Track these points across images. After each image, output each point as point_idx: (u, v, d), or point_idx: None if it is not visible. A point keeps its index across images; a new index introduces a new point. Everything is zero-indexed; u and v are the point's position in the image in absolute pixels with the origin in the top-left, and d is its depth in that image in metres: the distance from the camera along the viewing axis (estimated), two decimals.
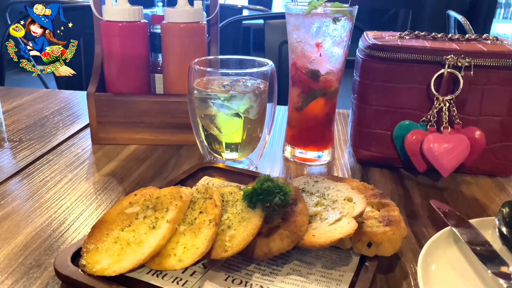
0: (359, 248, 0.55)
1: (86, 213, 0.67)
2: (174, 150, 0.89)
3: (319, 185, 0.64)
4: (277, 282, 0.51)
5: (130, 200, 0.59)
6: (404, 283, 0.54)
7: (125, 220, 0.56)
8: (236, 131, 0.76)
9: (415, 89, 0.78)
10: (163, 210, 0.56)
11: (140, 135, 0.91)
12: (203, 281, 0.50)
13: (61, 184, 0.76)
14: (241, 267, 0.53)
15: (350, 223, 0.53)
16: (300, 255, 0.56)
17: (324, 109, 0.83)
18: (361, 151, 0.84)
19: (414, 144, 0.75)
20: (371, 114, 0.82)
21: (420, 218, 0.68)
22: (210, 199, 0.58)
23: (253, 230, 0.52)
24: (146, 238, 0.52)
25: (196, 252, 0.50)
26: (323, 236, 0.53)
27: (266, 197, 0.54)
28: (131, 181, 0.77)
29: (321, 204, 0.60)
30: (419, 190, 0.77)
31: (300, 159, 0.85)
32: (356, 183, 0.66)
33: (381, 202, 0.61)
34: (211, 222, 0.53)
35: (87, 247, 0.53)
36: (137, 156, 0.87)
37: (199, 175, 0.75)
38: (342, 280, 0.51)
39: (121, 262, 0.50)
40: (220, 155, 0.81)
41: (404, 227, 0.57)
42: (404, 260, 0.58)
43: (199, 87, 0.76)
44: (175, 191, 0.59)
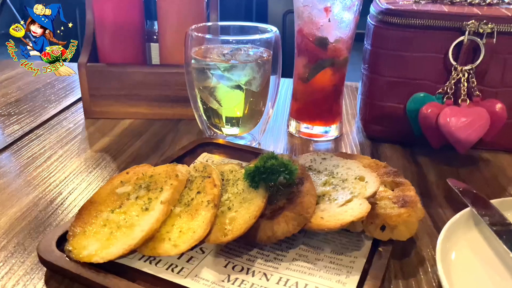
0: (372, 231, 0.50)
1: (76, 192, 0.63)
2: (172, 125, 0.85)
3: (327, 162, 0.59)
4: (281, 269, 0.46)
5: (121, 178, 0.55)
6: (420, 270, 0.49)
7: (115, 200, 0.52)
8: (237, 105, 0.73)
9: (431, 58, 0.72)
10: (157, 190, 0.52)
11: (135, 108, 0.87)
12: (200, 268, 0.46)
13: (50, 161, 0.71)
14: (242, 252, 0.49)
15: (363, 205, 0.49)
16: (306, 239, 0.51)
17: (332, 80, 0.77)
18: (371, 126, 0.81)
19: (429, 118, 0.70)
20: (382, 85, 0.76)
21: (436, 198, 0.63)
22: (209, 178, 0.53)
23: (255, 212, 0.48)
24: (138, 221, 0.48)
25: (193, 236, 0.46)
26: (332, 218, 0.48)
27: (270, 176, 0.50)
28: (125, 157, 0.73)
29: (329, 183, 0.55)
30: (433, 168, 0.72)
31: (306, 135, 0.81)
32: (367, 160, 0.62)
33: (395, 181, 0.56)
34: (210, 203, 0.49)
35: (73, 231, 0.48)
36: (132, 131, 0.83)
37: (197, 151, 0.71)
38: (354, 267, 0.47)
39: (111, 248, 0.45)
40: (220, 130, 0.76)
41: (421, 209, 0.52)
42: (419, 244, 0.54)
43: (197, 57, 0.71)
44: (171, 169, 0.55)
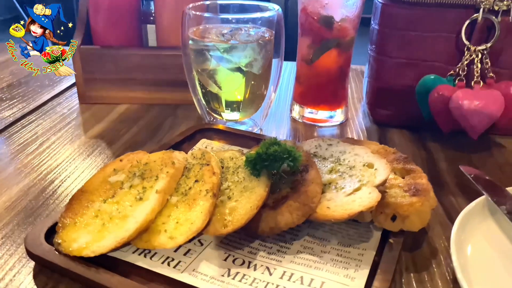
0: (381, 221, 0.47)
1: (69, 181, 0.59)
2: (170, 110, 0.82)
3: (333, 148, 0.56)
4: (285, 262, 0.43)
5: (114, 166, 0.52)
6: (433, 262, 0.46)
7: (108, 190, 0.49)
8: (237, 88, 0.70)
9: (443, 38, 0.69)
10: (152, 179, 0.49)
11: (132, 93, 0.83)
12: (198, 262, 0.43)
13: (42, 148, 0.68)
14: (243, 244, 0.46)
15: (372, 194, 0.45)
16: (312, 230, 0.48)
17: (338, 62, 0.73)
18: (378, 110, 0.78)
19: (439, 102, 0.67)
20: (390, 67, 0.73)
21: (447, 186, 0.60)
22: (208, 165, 0.50)
23: (257, 202, 0.45)
24: (132, 212, 0.45)
25: (191, 228, 0.43)
26: (340, 208, 0.45)
27: (272, 163, 0.47)
28: (120, 144, 0.70)
29: (336, 170, 0.52)
30: (444, 154, 0.68)
31: (310, 120, 0.77)
32: (376, 146, 0.58)
33: (405, 167, 0.53)
34: (208, 192, 0.46)
35: (63, 222, 0.45)
36: (128, 116, 0.80)
37: (196, 137, 0.68)
38: (362, 260, 0.44)
39: (102, 240, 0.43)
40: (220, 115, 0.72)
41: (434, 198, 0.49)
42: (431, 234, 0.50)
43: (195, 37, 0.67)
44: (167, 157, 0.51)
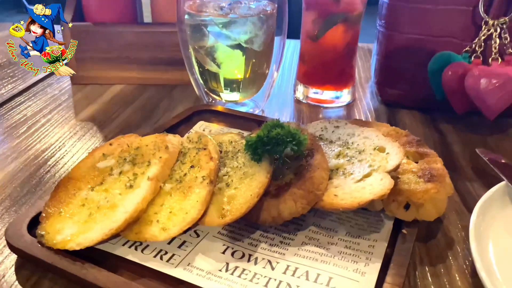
0: (394, 210, 0.43)
1: (58, 167, 0.56)
2: (166, 91, 0.78)
3: (340, 131, 0.52)
4: (289, 256, 0.40)
5: (104, 151, 0.48)
6: (449, 254, 0.43)
7: (96, 176, 0.45)
8: (237, 67, 0.66)
9: (458, 11, 0.64)
10: (144, 164, 0.45)
11: (126, 73, 0.80)
12: (194, 255, 0.40)
13: (31, 131, 0.64)
14: (243, 235, 0.42)
15: (384, 180, 0.42)
16: (317, 219, 0.45)
17: (345, 38, 0.69)
18: (387, 90, 0.74)
19: (454, 80, 0.63)
20: (401, 44, 0.69)
21: (462, 170, 0.56)
22: (204, 149, 0.46)
23: (258, 189, 0.42)
24: (121, 200, 0.41)
25: (185, 218, 0.40)
26: (348, 196, 0.42)
27: (275, 147, 0.44)
28: (114, 127, 0.66)
29: (344, 155, 0.48)
30: (458, 136, 0.64)
31: (315, 101, 0.74)
32: (386, 128, 0.54)
33: (418, 151, 0.49)
34: (205, 179, 0.43)
35: (47, 212, 0.42)
36: (122, 98, 0.76)
37: (193, 120, 0.64)
38: (373, 252, 0.40)
39: (89, 232, 0.39)
40: (219, 96, 0.68)
41: (450, 184, 0.45)
42: (447, 223, 0.47)
43: (191, 11, 0.62)
44: (160, 140, 0.48)
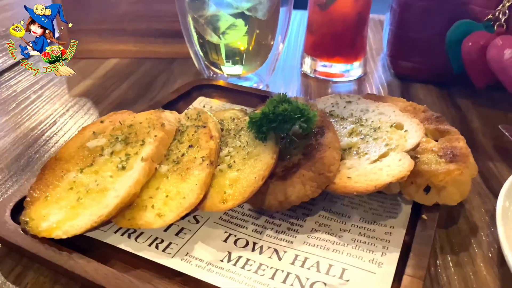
0: (412, 193, 0.39)
1: (47, 146, 0.53)
2: (165, 64, 0.75)
3: (353, 106, 0.48)
4: (297, 244, 0.36)
5: (94, 129, 0.44)
6: (473, 241, 0.39)
7: (86, 157, 0.41)
8: (240, 38, 0.62)
9: None
10: (138, 144, 0.41)
11: (121, 46, 0.76)
12: (192, 244, 0.36)
13: (20, 107, 0.61)
14: (247, 221, 0.39)
15: (403, 161, 0.38)
16: (328, 203, 0.41)
17: (356, 6, 0.66)
18: (401, 63, 0.71)
19: (474, 51, 0.61)
20: (417, 12, 0.65)
21: (483, 149, 0.53)
22: (204, 127, 0.43)
23: (263, 172, 0.38)
24: (113, 183, 0.38)
25: (183, 203, 0.36)
26: (363, 178, 0.38)
27: (282, 125, 0.40)
28: (108, 103, 0.63)
29: (357, 133, 0.44)
30: (477, 112, 0.61)
31: (323, 74, 0.70)
32: (402, 103, 0.50)
33: (438, 128, 0.45)
34: (205, 160, 0.40)
35: (32, 196, 0.38)
36: (118, 72, 0.73)
37: (193, 95, 0.61)
38: (390, 240, 0.36)
39: (77, 219, 0.36)
40: (220, 69, 0.65)
41: (474, 164, 0.42)
42: (469, 207, 0.43)
43: None
44: (155, 117, 0.44)
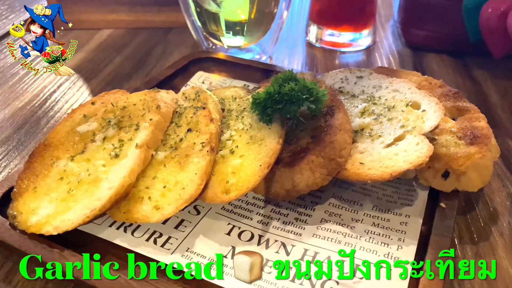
0: (429, 179, 0.37)
1: (37, 127, 0.49)
2: (160, 35, 0.72)
3: (364, 82, 0.44)
4: (306, 237, 0.34)
5: (84, 111, 0.41)
6: (494, 230, 0.37)
7: (76, 143, 0.39)
8: (240, 5, 0.58)
9: None
10: (132, 128, 0.38)
11: (114, 15, 0.73)
12: (193, 238, 0.34)
13: (7, 84, 0.59)
14: (251, 211, 0.36)
15: (421, 145, 0.35)
16: (338, 190, 0.38)
17: None
18: (412, 31, 0.68)
19: (493, 18, 0.58)
20: None
21: (503, 126, 0.50)
22: (204, 109, 0.40)
23: (268, 158, 0.35)
24: (106, 173, 0.35)
25: (182, 194, 0.34)
26: (378, 165, 0.35)
27: (288, 106, 0.38)
28: (102, 78, 0.61)
29: (370, 112, 0.40)
30: (495, 85, 0.58)
31: (330, 44, 0.67)
32: (417, 78, 0.47)
33: (457, 106, 0.42)
34: (205, 146, 0.37)
35: (20, 187, 0.35)
36: (111, 44, 0.70)
37: (191, 69, 0.58)
38: (406, 231, 0.34)
39: (68, 213, 0.33)
40: (220, 40, 0.62)
41: (496, 146, 0.39)
42: (488, 191, 0.41)
43: None
44: (150, 98, 0.41)
